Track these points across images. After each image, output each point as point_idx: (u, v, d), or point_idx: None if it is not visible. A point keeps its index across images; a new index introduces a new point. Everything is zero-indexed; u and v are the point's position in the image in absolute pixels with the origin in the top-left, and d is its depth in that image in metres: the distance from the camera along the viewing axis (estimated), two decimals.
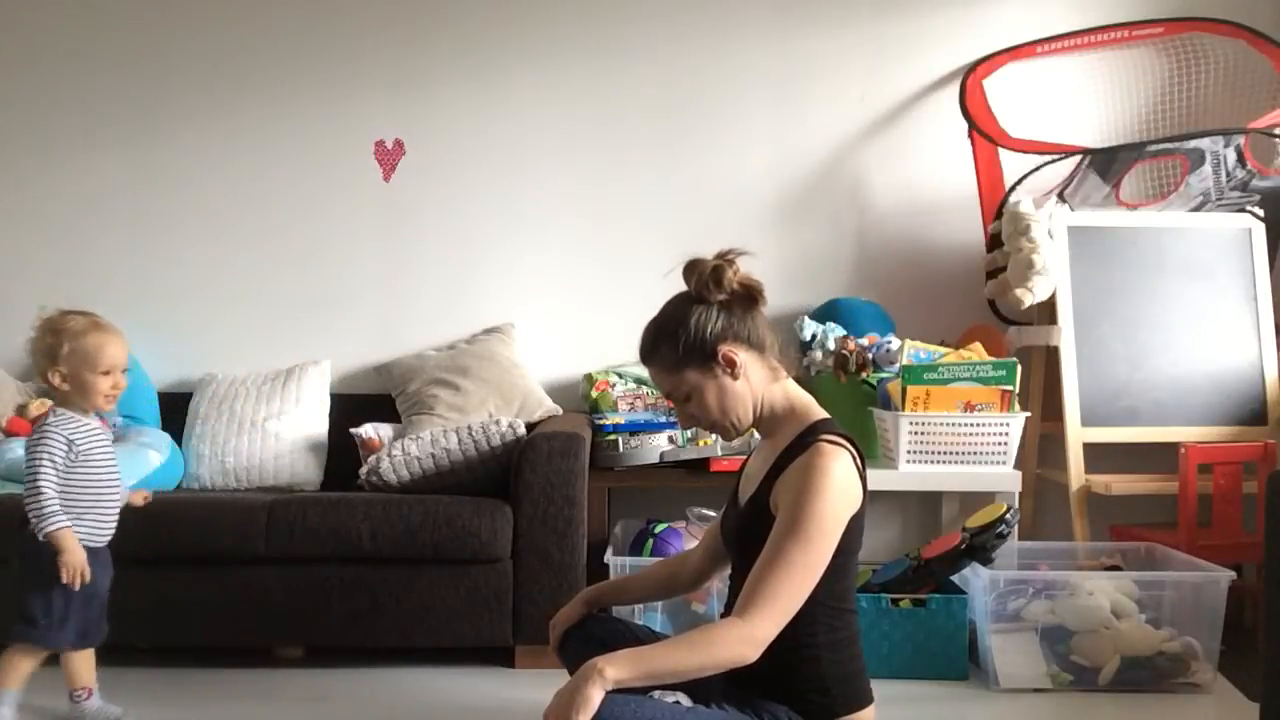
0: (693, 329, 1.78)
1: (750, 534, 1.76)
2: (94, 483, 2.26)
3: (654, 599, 2.40)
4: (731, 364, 1.77)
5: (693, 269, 1.80)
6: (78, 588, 2.17)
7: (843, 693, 1.76)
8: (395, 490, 2.84)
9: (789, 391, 1.83)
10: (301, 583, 2.64)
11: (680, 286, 1.86)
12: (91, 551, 2.24)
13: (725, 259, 1.80)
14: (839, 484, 1.68)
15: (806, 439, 1.73)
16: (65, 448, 2.22)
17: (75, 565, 2.16)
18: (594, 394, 3.21)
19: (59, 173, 3.49)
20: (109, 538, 2.31)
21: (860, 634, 1.83)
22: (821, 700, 1.75)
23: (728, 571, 1.95)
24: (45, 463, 2.19)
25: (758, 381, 1.80)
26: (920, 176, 3.45)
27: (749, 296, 1.80)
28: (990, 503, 2.72)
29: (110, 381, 2.27)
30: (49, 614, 2.20)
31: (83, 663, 2.31)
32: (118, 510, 2.33)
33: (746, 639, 1.60)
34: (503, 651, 2.73)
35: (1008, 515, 2.59)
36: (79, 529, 2.22)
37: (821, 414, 1.81)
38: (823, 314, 3.25)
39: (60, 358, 2.26)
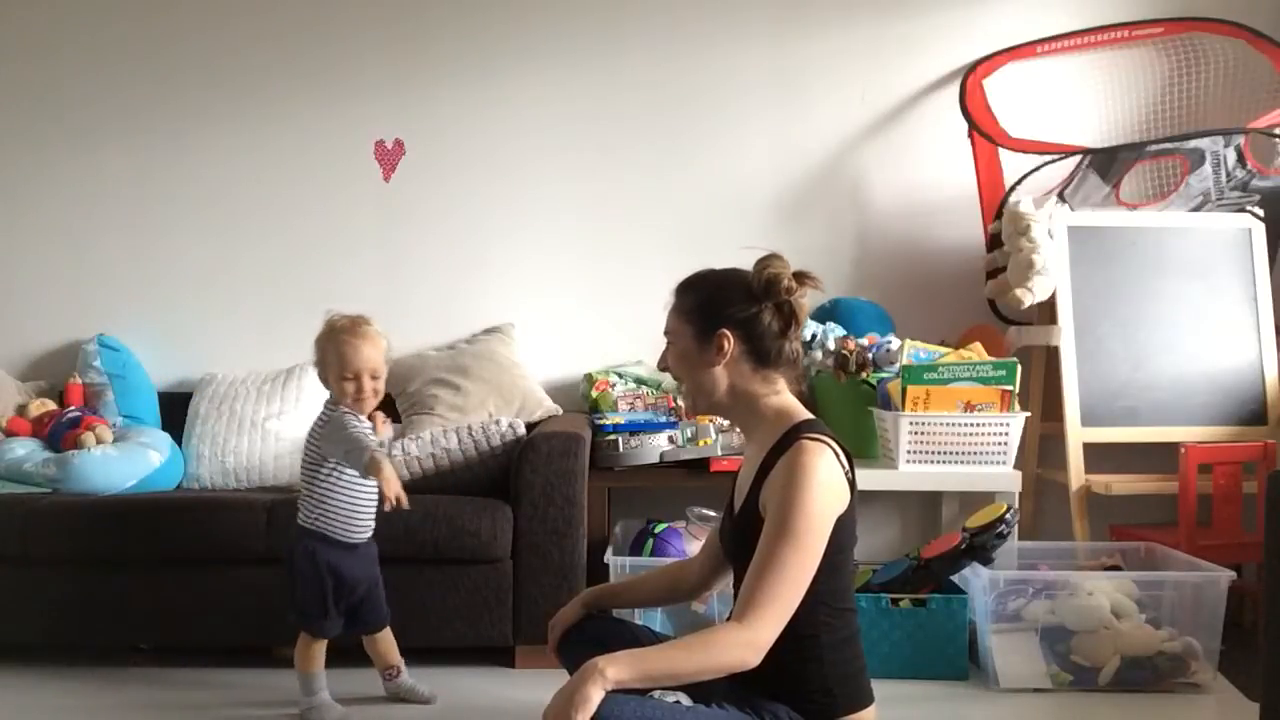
0: (717, 299, 1.82)
1: (745, 542, 1.76)
2: (355, 480, 2.35)
3: (655, 605, 2.39)
4: (719, 347, 1.80)
5: (764, 264, 1.81)
6: (405, 505, 2.20)
7: (844, 692, 1.76)
8: None
9: (779, 399, 1.83)
10: None
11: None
12: (346, 546, 2.36)
13: (798, 277, 1.80)
14: (824, 481, 1.68)
15: (789, 439, 1.74)
16: (360, 422, 2.32)
17: (393, 488, 2.19)
18: (594, 394, 3.21)
19: (59, 172, 3.50)
20: (366, 534, 2.41)
21: (860, 633, 1.83)
22: (823, 700, 1.75)
23: (729, 580, 1.95)
24: (352, 417, 2.30)
25: (737, 376, 1.81)
26: (920, 176, 3.45)
27: (784, 319, 1.80)
28: (990, 503, 2.72)
29: (354, 386, 2.33)
30: (310, 605, 2.34)
31: (381, 645, 2.50)
32: (374, 508, 2.39)
33: (747, 644, 1.61)
34: (503, 651, 2.73)
35: (1008, 515, 2.59)
36: (334, 525, 2.35)
37: (806, 415, 1.81)
38: (823, 314, 3.25)
39: (320, 359, 2.39)
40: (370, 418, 2.44)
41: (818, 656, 1.74)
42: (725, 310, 1.80)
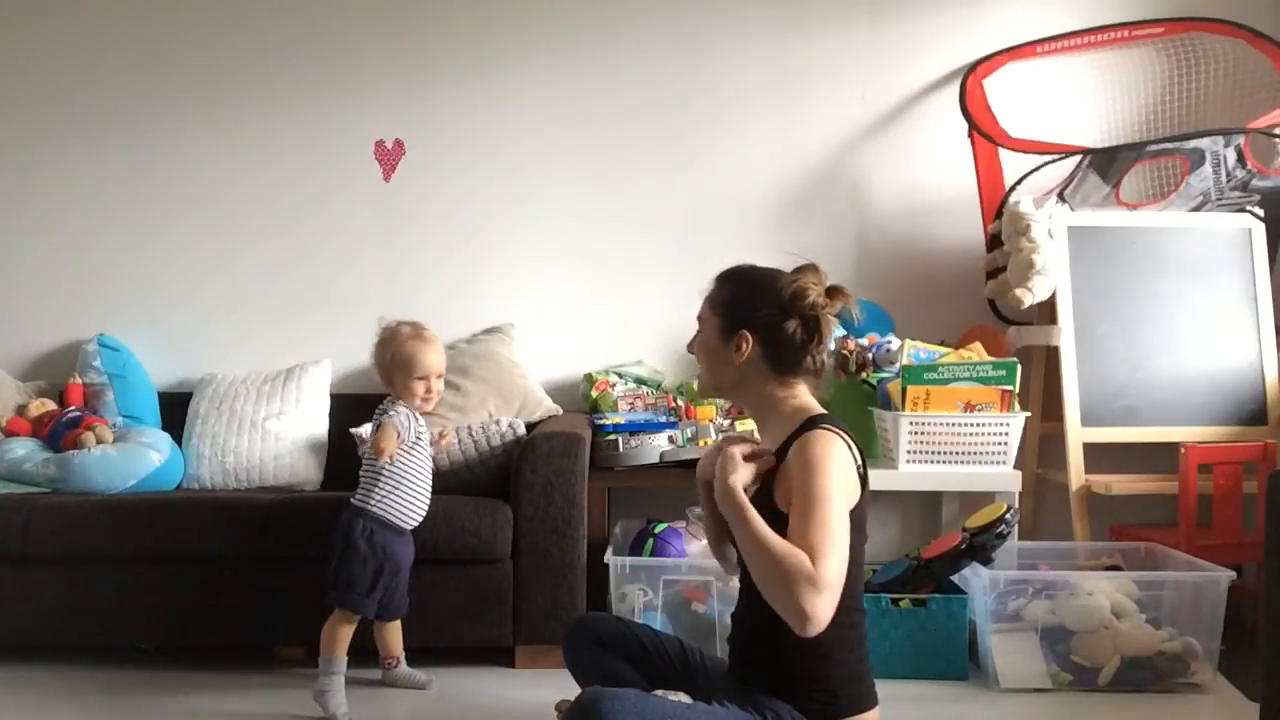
0: (747, 299, 1.84)
1: None
2: (416, 469, 2.51)
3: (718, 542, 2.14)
4: (738, 347, 1.82)
5: (794, 275, 1.83)
6: (382, 460, 2.43)
7: (847, 694, 1.76)
8: None
9: (795, 401, 1.84)
10: (301, 583, 2.63)
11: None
12: (399, 532, 2.49)
13: (831, 292, 1.82)
14: (838, 465, 1.69)
15: (802, 430, 1.75)
16: (409, 422, 2.47)
17: (380, 444, 2.40)
18: (594, 394, 3.21)
19: (59, 172, 3.50)
20: (417, 522, 2.53)
21: (867, 635, 1.83)
22: (826, 701, 1.74)
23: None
24: (401, 416, 2.45)
25: (753, 376, 1.83)
26: (920, 176, 3.45)
27: (809, 332, 1.81)
28: (990, 503, 2.72)
29: (424, 386, 2.50)
30: (358, 583, 2.42)
31: (390, 634, 2.59)
32: (428, 498, 2.55)
33: (811, 579, 1.56)
34: (503, 651, 2.73)
35: (1008, 515, 2.59)
36: (396, 508, 2.48)
37: (819, 410, 1.82)
38: None
39: (385, 362, 2.51)
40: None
41: (823, 655, 1.74)
42: (752, 312, 1.82)
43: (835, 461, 1.69)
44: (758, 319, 1.81)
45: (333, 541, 2.46)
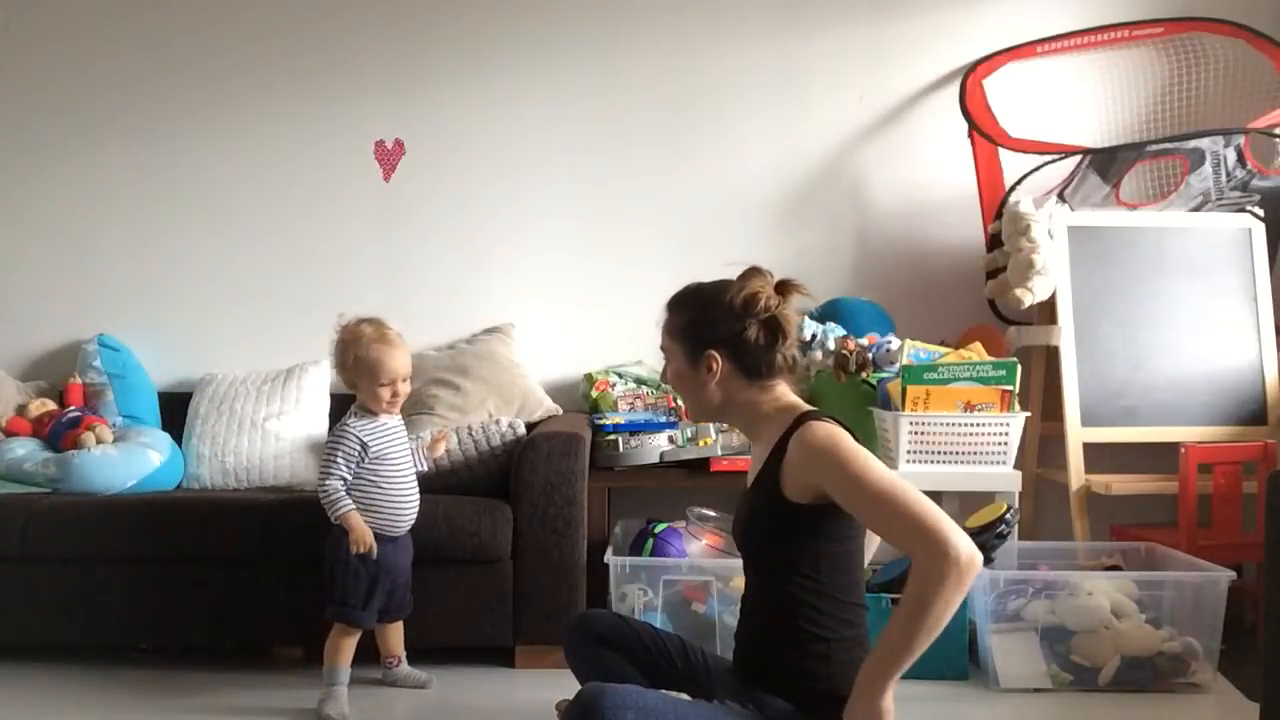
0: (704, 318, 1.83)
1: (760, 512, 1.77)
2: (389, 478, 2.46)
3: None
4: (709, 367, 1.82)
5: (741, 282, 1.82)
6: (374, 556, 2.40)
7: (850, 693, 1.75)
8: None
9: (779, 402, 1.84)
10: (301, 583, 2.63)
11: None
12: (390, 539, 2.46)
13: (781, 288, 1.82)
14: (850, 442, 1.69)
15: (796, 425, 1.74)
16: (359, 448, 2.42)
17: (363, 542, 2.38)
18: (594, 394, 3.21)
19: (59, 172, 3.50)
20: (408, 526, 2.51)
21: (868, 635, 1.83)
22: (828, 700, 1.74)
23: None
24: (339, 459, 2.41)
25: (732, 389, 1.83)
26: (920, 176, 3.45)
27: (771, 332, 1.81)
28: (990, 503, 2.72)
29: (390, 391, 2.45)
30: (352, 598, 2.41)
31: (392, 634, 2.58)
32: (415, 499, 2.51)
33: (944, 558, 1.54)
34: (503, 651, 2.73)
35: (1008, 515, 2.59)
36: (378, 520, 2.43)
37: (806, 406, 1.83)
38: (823, 314, 3.25)
39: (348, 366, 2.46)
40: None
41: (826, 654, 1.74)
42: (711, 330, 1.82)
43: (848, 442, 1.69)
44: (719, 334, 1.81)
45: (324, 555, 2.44)
